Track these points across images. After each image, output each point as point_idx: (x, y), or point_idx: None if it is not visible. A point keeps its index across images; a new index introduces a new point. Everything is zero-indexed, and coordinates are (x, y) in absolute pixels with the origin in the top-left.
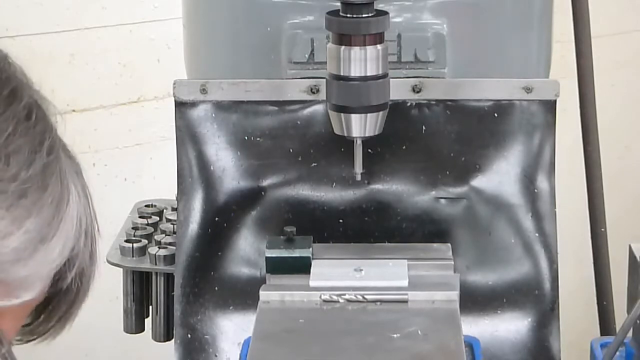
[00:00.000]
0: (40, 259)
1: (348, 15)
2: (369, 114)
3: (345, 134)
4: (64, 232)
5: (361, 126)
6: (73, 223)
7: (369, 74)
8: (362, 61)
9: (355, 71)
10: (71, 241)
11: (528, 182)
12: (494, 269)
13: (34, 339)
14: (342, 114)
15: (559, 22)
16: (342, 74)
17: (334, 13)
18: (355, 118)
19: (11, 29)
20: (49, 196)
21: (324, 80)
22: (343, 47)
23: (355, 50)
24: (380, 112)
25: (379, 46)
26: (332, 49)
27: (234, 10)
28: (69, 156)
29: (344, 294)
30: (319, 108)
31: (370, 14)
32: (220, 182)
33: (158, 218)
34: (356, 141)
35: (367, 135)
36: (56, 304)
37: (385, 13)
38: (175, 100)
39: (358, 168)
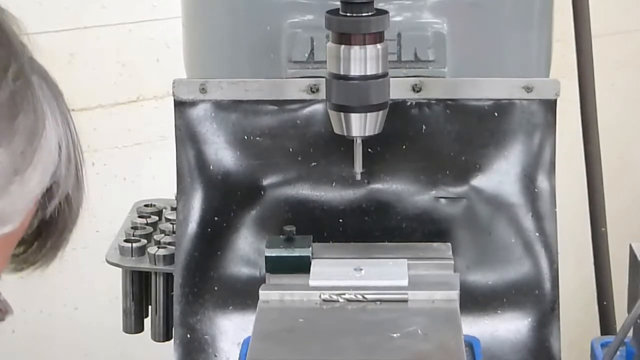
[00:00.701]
0: (16, 191)
1: (348, 14)
2: (368, 114)
3: (345, 134)
4: (41, 161)
5: (361, 125)
6: (51, 151)
7: (368, 73)
8: (362, 60)
9: (355, 70)
10: (50, 169)
11: (528, 181)
12: (494, 269)
13: (27, 268)
14: (342, 114)
15: (559, 22)
16: (342, 73)
17: (333, 12)
18: (355, 117)
19: None
20: (19, 125)
21: (324, 79)
22: (343, 46)
23: (355, 50)
24: (380, 112)
25: (378, 45)
26: (332, 48)
27: (233, 10)
28: (46, 80)
29: (344, 294)
30: (318, 107)
31: (370, 13)
32: (220, 182)
33: (157, 218)
34: (356, 140)
35: (367, 134)
36: (47, 233)
37: (385, 12)
38: (174, 100)
39: (358, 167)
